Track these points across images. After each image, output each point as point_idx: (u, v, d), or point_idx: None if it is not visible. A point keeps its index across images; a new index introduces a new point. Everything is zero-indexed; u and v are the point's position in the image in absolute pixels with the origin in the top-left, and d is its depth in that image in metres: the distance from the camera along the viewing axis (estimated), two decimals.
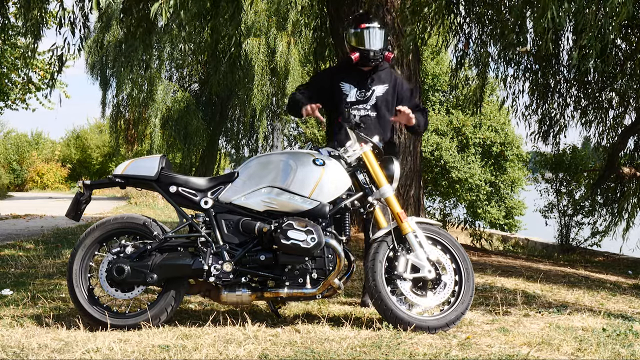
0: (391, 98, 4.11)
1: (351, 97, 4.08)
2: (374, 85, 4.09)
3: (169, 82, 20.53)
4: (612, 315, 3.99)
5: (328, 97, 4.14)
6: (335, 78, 4.14)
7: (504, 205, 13.20)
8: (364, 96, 4.07)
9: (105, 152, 34.01)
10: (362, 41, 4.03)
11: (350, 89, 4.09)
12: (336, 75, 4.16)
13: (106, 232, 3.63)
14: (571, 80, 9.03)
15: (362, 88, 4.08)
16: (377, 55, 4.02)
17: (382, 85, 4.10)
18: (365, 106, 4.07)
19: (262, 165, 3.68)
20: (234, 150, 21.82)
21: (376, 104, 4.07)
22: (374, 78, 4.10)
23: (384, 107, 4.08)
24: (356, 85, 4.09)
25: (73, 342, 3.20)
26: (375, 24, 4.04)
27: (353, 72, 4.10)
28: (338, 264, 3.52)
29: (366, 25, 4.02)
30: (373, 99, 4.07)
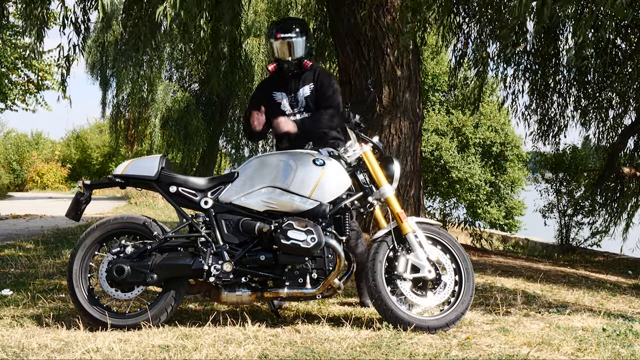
0: (316, 94, 4.11)
1: (284, 104, 4.11)
2: (300, 87, 4.11)
3: (169, 82, 20.52)
4: (612, 315, 3.99)
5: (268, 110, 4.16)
6: (267, 90, 4.18)
7: (504, 205, 13.19)
8: (295, 100, 4.10)
9: (105, 152, 34.03)
10: (277, 52, 4.05)
11: (282, 96, 4.13)
12: (267, 86, 4.20)
13: (106, 232, 3.63)
14: (571, 80, 9.03)
15: (292, 93, 4.11)
16: (291, 66, 4.04)
17: (308, 85, 4.11)
18: (299, 109, 4.10)
19: (262, 165, 3.68)
20: (234, 150, 21.80)
21: (307, 104, 4.09)
22: (299, 80, 4.11)
23: (313, 106, 4.09)
24: (287, 92, 4.12)
25: (73, 342, 3.20)
26: (291, 34, 4.01)
27: (282, 80, 4.13)
28: (338, 264, 3.52)
29: (281, 35, 4.01)
30: (303, 100, 4.10)
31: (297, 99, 4.10)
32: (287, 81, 4.11)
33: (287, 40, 4.00)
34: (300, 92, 4.10)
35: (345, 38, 6.60)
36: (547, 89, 8.98)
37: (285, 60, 4.03)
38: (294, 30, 4.03)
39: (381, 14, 6.30)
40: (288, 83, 4.11)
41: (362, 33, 6.36)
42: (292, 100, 4.11)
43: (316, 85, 4.11)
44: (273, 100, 4.12)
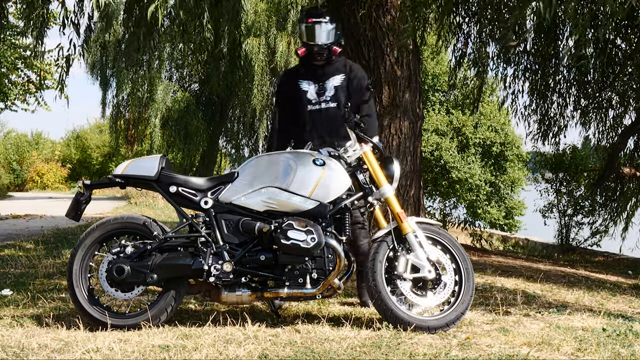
0: (346, 86, 4.14)
1: (311, 93, 4.11)
2: (330, 76, 4.12)
3: (169, 82, 20.51)
4: (612, 315, 3.99)
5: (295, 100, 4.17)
6: (293, 79, 4.19)
7: (504, 206, 13.19)
8: (323, 89, 4.10)
9: (105, 152, 34.03)
10: (308, 36, 4.08)
11: (309, 84, 4.13)
12: (294, 76, 4.21)
13: (106, 232, 3.63)
14: (571, 80, 9.02)
15: (319, 81, 4.12)
16: (322, 50, 4.06)
17: (339, 75, 4.13)
18: (325, 98, 4.10)
19: (262, 165, 3.68)
20: (234, 150, 21.80)
21: (335, 94, 4.10)
22: (329, 70, 4.13)
23: (343, 96, 4.11)
24: (314, 81, 4.13)
25: (73, 342, 3.20)
26: (324, 18, 4.06)
27: (309, 69, 4.15)
28: (338, 264, 3.52)
29: (313, 20, 4.05)
30: (332, 89, 4.11)
31: (325, 87, 4.10)
32: (315, 70, 4.12)
33: (318, 24, 4.04)
34: (330, 82, 4.11)
35: (345, 38, 6.59)
36: (547, 89, 8.98)
37: (315, 44, 4.05)
38: (324, 16, 4.08)
39: (381, 14, 6.30)
40: (315, 72, 4.12)
41: (362, 33, 6.36)
42: (319, 88, 4.11)
43: (349, 76, 4.12)
44: (298, 88, 4.13)
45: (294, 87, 4.15)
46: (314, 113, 4.10)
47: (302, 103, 4.11)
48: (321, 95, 4.10)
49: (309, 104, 4.10)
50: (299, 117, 4.14)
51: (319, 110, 4.08)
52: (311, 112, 4.09)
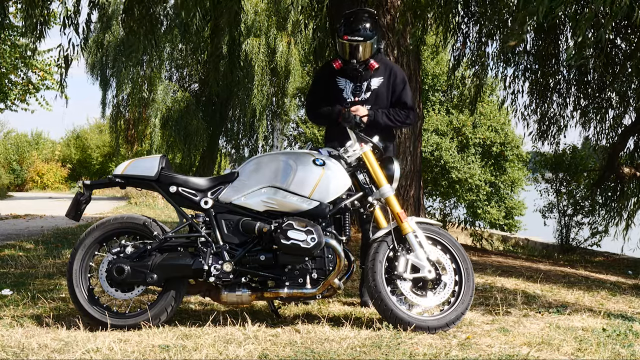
0: (385, 90, 4.12)
1: (347, 92, 4.10)
2: (369, 77, 4.09)
3: (169, 82, 20.52)
4: (612, 315, 3.99)
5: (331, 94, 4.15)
6: (332, 73, 4.16)
7: (504, 206, 13.20)
8: (360, 90, 4.08)
9: (105, 152, 34.02)
10: (344, 52, 4.04)
11: (346, 83, 4.11)
12: (333, 70, 4.17)
13: (106, 232, 3.63)
14: (571, 80, 9.02)
15: (358, 82, 4.09)
16: (357, 66, 4.01)
17: (377, 78, 4.11)
18: (361, 99, 4.08)
19: (262, 165, 3.68)
20: (234, 150, 21.81)
21: (372, 96, 4.08)
22: (368, 70, 4.09)
23: (379, 99, 4.09)
24: (352, 80, 4.10)
25: (73, 342, 3.20)
26: (359, 36, 3.96)
27: (349, 67, 4.09)
28: (338, 264, 3.52)
29: (349, 37, 3.97)
30: (368, 91, 4.08)
31: (362, 88, 4.07)
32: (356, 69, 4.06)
33: (355, 43, 3.97)
34: (368, 83, 4.08)
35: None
36: (547, 89, 8.98)
37: (349, 62, 4.01)
38: (363, 30, 3.97)
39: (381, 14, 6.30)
40: (356, 71, 4.07)
41: None
42: (355, 88, 4.08)
43: (389, 80, 4.09)
44: (336, 86, 4.10)
45: (332, 82, 4.12)
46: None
47: (337, 101, 4.09)
48: (357, 96, 4.08)
49: (344, 102, 4.07)
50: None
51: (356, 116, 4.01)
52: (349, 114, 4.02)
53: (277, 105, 20.15)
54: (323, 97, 4.18)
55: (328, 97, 4.16)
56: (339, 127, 3.99)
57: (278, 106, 20.05)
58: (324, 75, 4.22)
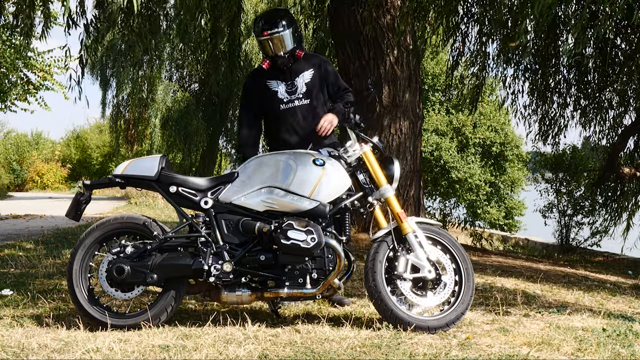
0: (319, 81, 4.11)
1: (282, 92, 4.09)
2: (299, 72, 4.09)
3: (169, 82, 20.52)
4: (612, 315, 3.99)
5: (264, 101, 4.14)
6: (260, 80, 4.13)
7: (504, 206, 13.20)
8: (293, 87, 4.08)
9: (105, 152, 34.03)
10: (267, 49, 4.02)
11: (278, 84, 4.10)
12: (260, 77, 4.14)
13: (106, 232, 3.63)
14: (571, 80, 9.03)
15: (289, 80, 4.08)
16: (285, 60, 4.01)
17: (308, 71, 4.10)
18: (297, 96, 4.08)
19: (262, 165, 3.67)
20: (234, 150, 21.82)
21: (307, 90, 4.08)
22: (297, 67, 4.09)
23: (314, 92, 4.09)
24: (282, 79, 4.09)
25: (73, 342, 3.20)
26: (278, 28, 3.97)
27: (276, 69, 4.09)
28: (338, 264, 3.51)
29: (268, 32, 3.97)
30: (303, 86, 4.08)
31: (295, 84, 4.07)
32: (282, 69, 4.07)
33: (275, 36, 3.98)
34: (300, 78, 4.08)
35: (345, 38, 6.60)
36: (547, 89, 8.98)
37: (278, 56, 4.01)
38: (279, 24, 3.98)
39: (381, 14, 6.31)
40: (284, 70, 4.08)
41: (362, 33, 6.36)
42: (289, 87, 4.08)
43: (320, 71, 4.10)
44: (268, 90, 4.09)
45: (263, 87, 4.11)
46: (286, 112, 4.07)
47: (273, 103, 4.08)
48: (292, 94, 4.08)
49: (281, 103, 4.07)
50: (272, 118, 4.13)
51: (292, 108, 4.06)
52: (283, 111, 4.07)
53: None
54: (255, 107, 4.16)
55: (262, 105, 4.13)
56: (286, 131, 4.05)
57: None
58: (253, 84, 4.18)
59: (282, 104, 4.07)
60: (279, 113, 4.07)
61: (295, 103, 4.07)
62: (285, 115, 4.08)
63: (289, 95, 4.08)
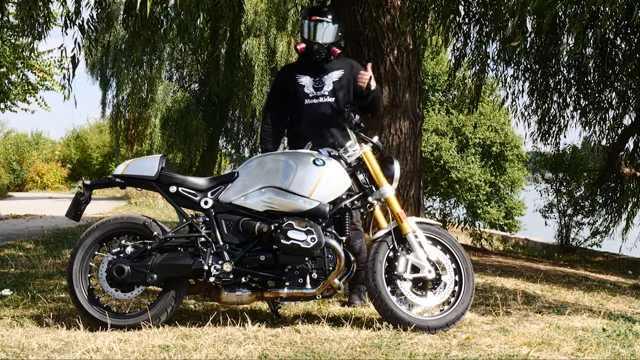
0: (347, 82, 4.14)
1: (308, 87, 4.12)
2: (328, 71, 4.13)
3: (169, 82, 20.52)
4: (612, 315, 3.99)
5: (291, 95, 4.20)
6: (291, 73, 4.20)
7: (504, 206, 13.19)
8: (321, 83, 4.11)
9: (105, 152, 34.03)
10: (309, 33, 4.09)
11: (306, 79, 4.14)
12: (291, 70, 4.23)
13: (106, 232, 3.63)
14: (571, 80, 9.02)
15: (317, 76, 4.12)
16: (321, 48, 4.06)
17: (337, 71, 4.14)
18: (323, 93, 4.11)
19: (262, 165, 3.68)
20: (234, 150, 21.82)
21: (333, 89, 4.11)
22: (328, 66, 4.14)
23: (340, 91, 4.12)
24: (311, 75, 4.14)
25: (73, 342, 3.20)
26: (327, 17, 4.07)
27: (307, 64, 4.16)
28: (338, 264, 3.52)
29: (316, 17, 4.06)
30: (330, 84, 4.11)
31: (323, 82, 4.11)
32: (313, 65, 4.13)
33: (320, 23, 4.04)
34: (328, 76, 4.12)
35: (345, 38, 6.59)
36: (547, 89, 8.97)
37: (315, 42, 4.06)
38: (328, 15, 4.08)
39: (381, 14, 6.30)
40: (314, 67, 4.13)
41: (362, 33, 6.36)
42: (316, 83, 4.12)
43: (351, 73, 4.13)
44: (296, 83, 4.14)
45: (292, 80, 4.16)
46: (310, 107, 4.11)
47: (298, 96, 4.12)
48: (318, 90, 4.11)
49: (306, 97, 4.11)
50: (295, 111, 4.16)
51: (315, 104, 4.09)
52: (307, 105, 4.11)
53: None
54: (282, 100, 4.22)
55: (288, 98, 4.18)
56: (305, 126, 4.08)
57: None
58: (284, 76, 4.26)
59: (307, 99, 4.11)
60: (303, 107, 4.11)
61: (320, 99, 4.10)
62: (308, 110, 4.11)
63: (315, 91, 4.12)
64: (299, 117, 4.13)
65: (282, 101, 4.21)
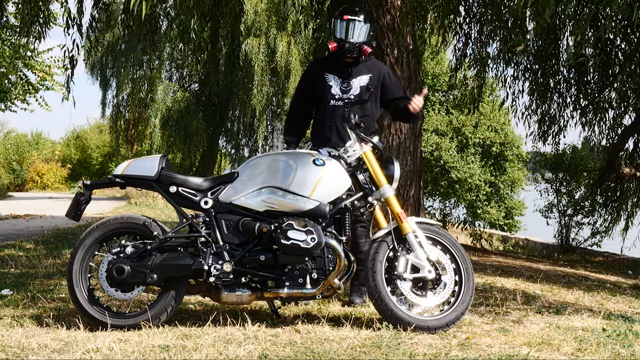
0: (374, 87, 4.15)
1: (335, 88, 4.14)
2: (357, 74, 4.14)
3: (169, 82, 20.51)
4: (612, 315, 3.99)
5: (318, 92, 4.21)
6: (320, 70, 4.21)
7: (504, 206, 13.19)
8: (348, 86, 4.12)
9: (105, 152, 34.02)
10: (341, 32, 4.09)
11: (334, 79, 4.15)
12: (322, 67, 4.23)
13: (106, 232, 3.63)
14: (571, 80, 9.02)
15: (345, 78, 4.13)
16: (352, 47, 4.06)
17: (366, 75, 4.15)
18: (349, 95, 4.11)
19: (262, 165, 3.68)
20: (234, 150, 21.81)
21: (360, 93, 4.11)
22: (357, 68, 4.15)
23: (367, 96, 4.12)
24: (339, 76, 4.15)
25: (73, 342, 3.20)
26: (359, 17, 4.08)
27: (337, 64, 4.16)
28: (338, 264, 3.52)
29: (348, 17, 4.07)
30: (357, 88, 4.12)
31: (351, 84, 4.12)
32: (343, 66, 4.13)
33: (352, 22, 4.05)
34: (356, 80, 4.13)
35: None
36: (547, 89, 8.98)
37: (347, 41, 4.06)
38: (360, 15, 4.09)
39: (381, 14, 6.30)
40: (343, 68, 4.13)
41: None
42: (344, 85, 4.13)
43: (379, 79, 4.15)
44: (324, 82, 4.15)
45: (321, 79, 4.17)
46: (335, 108, 4.11)
47: (325, 96, 4.13)
48: (345, 92, 4.12)
49: (332, 99, 4.12)
50: (321, 111, 4.17)
51: (340, 106, 4.09)
52: (332, 106, 4.12)
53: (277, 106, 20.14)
54: (309, 96, 4.23)
55: (315, 94, 4.20)
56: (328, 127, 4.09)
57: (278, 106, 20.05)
58: (313, 72, 4.26)
59: (333, 100, 4.12)
60: (328, 107, 4.12)
61: (345, 102, 4.09)
62: (333, 111, 4.12)
63: (341, 93, 4.13)
64: (323, 118, 4.15)
65: (309, 96, 4.23)
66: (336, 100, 4.11)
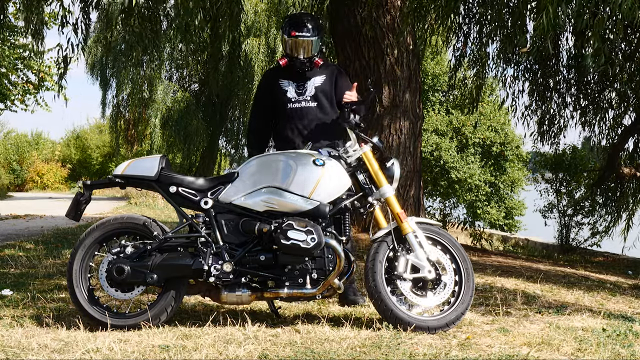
0: (329, 87, 4.17)
1: (291, 92, 4.15)
2: (311, 77, 4.15)
3: (169, 82, 20.51)
4: (612, 316, 3.99)
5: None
6: (275, 77, 4.22)
7: (504, 206, 13.20)
8: (303, 88, 4.14)
9: (105, 152, 34.01)
10: (290, 49, 4.08)
11: (289, 84, 4.16)
12: (275, 74, 4.24)
13: (106, 232, 3.63)
14: (571, 80, 9.02)
15: (300, 81, 4.15)
16: (303, 64, 4.08)
17: (320, 76, 4.16)
18: (305, 97, 4.13)
19: (262, 165, 3.68)
20: (233, 150, 21.81)
21: (315, 94, 4.13)
22: (311, 73, 4.16)
23: (323, 96, 4.14)
24: (294, 80, 4.16)
25: (73, 342, 3.20)
26: (306, 33, 4.03)
27: (290, 69, 4.16)
28: (338, 264, 3.52)
29: (296, 33, 4.04)
30: (312, 89, 4.14)
31: (305, 86, 4.13)
32: (296, 71, 4.14)
33: (301, 39, 4.04)
34: (311, 82, 4.14)
35: (345, 38, 6.60)
36: (547, 89, 8.97)
37: (297, 58, 4.07)
38: (308, 29, 4.05)
39: (381, 14, 6.31)
40: (297, 72, 4.14)
41: (362, 33, 6.36)
42: (299, 88, 4.14)
43: (332, 79, 4.16)
44: (280, 88, 4.17)
45: (275, 86, 4.19)
46: (293, 110, 4.13)
47: (282, 101, 4.15)
48: (301, 95, 4.14)
49: (289, 102, 4.14)
50: (280, 116, 4.19)
51: (298, 108, 4.12)
52: (290, 110, 4.13)
53: None
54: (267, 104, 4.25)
55: (272, 102, 4.21)
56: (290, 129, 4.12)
57: None
58: (267, 81, 4.28)
59: (289, 103, 4.13)
60: (286, 111, 4.14)
61: (302, 104, 4.12)
62: (291, 114, 4.13)
63: (297, 96, 4.14)
64: (284, 122, 4.16)
65: (267, 106, 4.24)
66: (293, 103, 4.13)
